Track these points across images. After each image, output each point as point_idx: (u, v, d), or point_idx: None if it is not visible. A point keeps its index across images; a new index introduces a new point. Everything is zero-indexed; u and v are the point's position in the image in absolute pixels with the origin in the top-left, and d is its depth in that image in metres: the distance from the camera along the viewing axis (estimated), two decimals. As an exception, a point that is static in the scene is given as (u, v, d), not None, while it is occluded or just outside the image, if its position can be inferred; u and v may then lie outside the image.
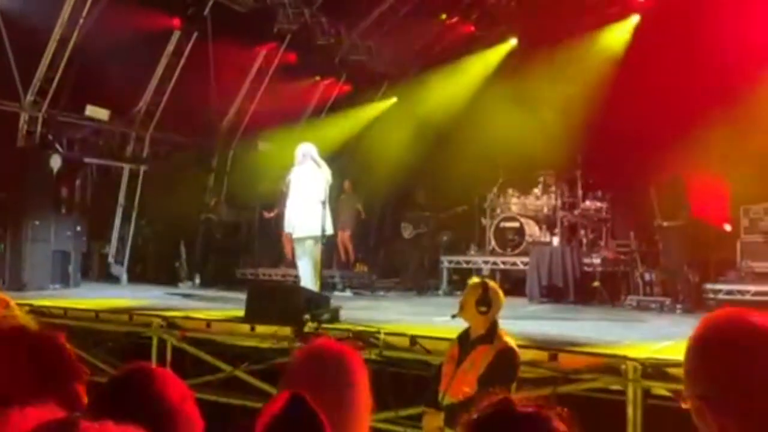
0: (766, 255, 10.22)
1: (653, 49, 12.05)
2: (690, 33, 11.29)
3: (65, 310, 7.85)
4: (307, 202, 8.52)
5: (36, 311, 7.02)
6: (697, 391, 1.39)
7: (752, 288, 9.73)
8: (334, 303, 7.51)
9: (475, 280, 4.49)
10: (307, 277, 8.59)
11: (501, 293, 4.39)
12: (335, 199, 10.83)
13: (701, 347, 1.41)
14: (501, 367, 4.09)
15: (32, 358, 1.16)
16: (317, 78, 14.77)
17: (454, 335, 4.49)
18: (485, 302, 4.24)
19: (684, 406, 1.44)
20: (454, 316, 4.42)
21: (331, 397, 1.56)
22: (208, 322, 7.12)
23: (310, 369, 1.69)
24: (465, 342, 4.31)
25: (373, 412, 1.73)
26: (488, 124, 12.70)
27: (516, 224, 12.12)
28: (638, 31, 13.03)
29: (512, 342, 4.28)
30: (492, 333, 4.23)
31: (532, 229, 12.18)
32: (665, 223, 9.73)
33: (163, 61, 12.43)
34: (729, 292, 9.83)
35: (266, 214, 12.82)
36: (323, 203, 8.45)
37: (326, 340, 1.82)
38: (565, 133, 11.77)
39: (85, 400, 1.22)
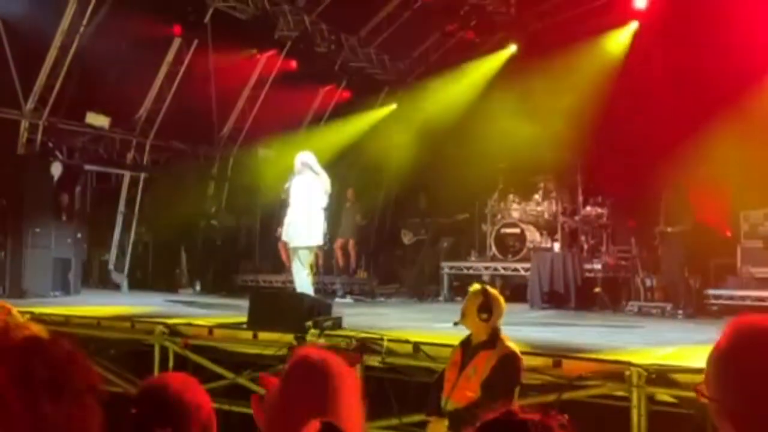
0: (767, 260, 10.23)
1: (652, 55, 12.07)
2: (689, 40, 11.32)
3: (66, 317, 7.82)
4: (303, 212, 8.47)
5: (37, 319, 6.99)
6: (717, 396, 1.39)
7: (753, 293, 9.75)
8: (334, 310, 7.50)
9: (475, 287, 4.48)
10: (302, 285, 8.55)
11: (502, 300, 4.39)
12: (336, 207, 10.79)
13: (723, 353, 1.41)
14: (504, 371, 4.10)
15: (47, 367, 1.16)
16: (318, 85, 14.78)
17: (456, 341, 4.49)
18: (486, 309, 4.24)
19: (702, 400, 1.43)
20: (456, 323, 4.42)
21: (317, 404, 1.56)
22: (210, 329, 7.12)
23: (295, 378, 1.67)
24: (467, 347, 4.31)
25: (377, 419, 1.72)
26: (488, 129, 12.68)
27: (517, 230, 12.09)
28: (637, 37, 13.05)
29: (515, 347, 4.28)
30: (494, 339, 4.24)
31: (533, 235, 12.16)
32: (669, 229, 9.71)
33: (164, 69, 12.41)
34: (730, 298, 9.86)
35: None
36: (323, 211, 8.44)
37: (310, 348, 1.80)
38: (565, 139, 11.76)
39: (99, 409, 1.21)
